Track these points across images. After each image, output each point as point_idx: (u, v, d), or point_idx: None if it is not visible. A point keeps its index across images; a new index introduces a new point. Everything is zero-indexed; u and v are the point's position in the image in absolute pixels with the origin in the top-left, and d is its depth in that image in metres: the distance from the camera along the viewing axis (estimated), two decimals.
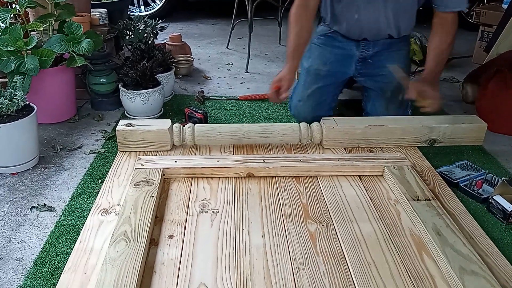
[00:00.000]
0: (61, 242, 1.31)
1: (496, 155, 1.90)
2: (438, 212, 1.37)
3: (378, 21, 1.89)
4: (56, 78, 2.00)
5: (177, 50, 2.89)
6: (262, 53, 3.32)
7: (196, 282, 1.13)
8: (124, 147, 1.75)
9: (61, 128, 2.02)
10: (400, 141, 1.84)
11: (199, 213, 1.40)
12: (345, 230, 1.33)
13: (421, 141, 1.85)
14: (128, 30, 2.47)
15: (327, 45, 2.04)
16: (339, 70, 2.03)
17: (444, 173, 1.69)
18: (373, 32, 1.94)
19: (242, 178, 1.59)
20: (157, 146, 1.75)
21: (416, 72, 2.94)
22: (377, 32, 1.94)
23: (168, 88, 2.33)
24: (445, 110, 2.34)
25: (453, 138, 1.86)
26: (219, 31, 3.99)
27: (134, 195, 1.40)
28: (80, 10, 2.30)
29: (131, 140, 1.74)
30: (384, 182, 1.59)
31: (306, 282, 1.14)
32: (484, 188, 1.60)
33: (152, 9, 4.19)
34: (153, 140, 1.74)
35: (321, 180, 1.59)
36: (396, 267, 1.20)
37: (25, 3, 1.94)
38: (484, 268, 1.16)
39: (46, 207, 1.47)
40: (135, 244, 1.19)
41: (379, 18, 1.88)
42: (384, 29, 1.93)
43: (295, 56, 1.88)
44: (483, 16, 3.17)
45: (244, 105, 2.34)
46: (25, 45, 1.81)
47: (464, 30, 3.97)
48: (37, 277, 1.18)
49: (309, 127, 1.79)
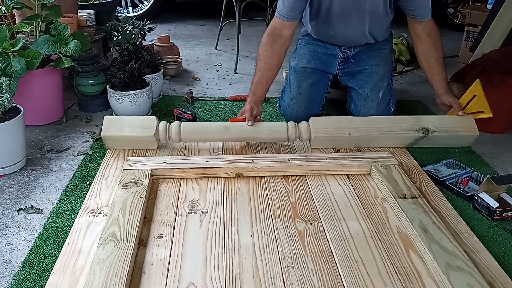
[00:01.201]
0: (49, 244, 1.30)
1: (482, 153, 1.92)
2: (425, 209, 1.39)
3: (354, 36, 1.98)
4: (43, 80, 1.99)
5: (166, 51, 2.89)
6: (250, 54, 3.33)
7: (185, 282, 1.13)
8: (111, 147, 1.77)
9: (49, 130, 2.01)
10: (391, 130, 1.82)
11: (188, 214, 1.40)
12: (333, 229, 1.34)
13: (414, 130, 1.83)
14: (116, 31, 2.47)
15: (310, 44, 2.10)
16: (324, 68, 2.07)
17: (431, 171, 1.71)
18: (349, 43, 2.02)
19: (231, 178, 1.59)
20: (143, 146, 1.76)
21: (403, 71, 2.98)
22: (353, 42, 2.02)
23: (156, 89, 2.33)
24: (432, 110, 2.37)
25: (445, 128, 1.85)
26: (207, 32, 3.99)
27: (123, 196, 1.40)
28: (67, 11, 2.28)
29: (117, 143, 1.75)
30: (371, 181, 1.61)
31: (295, 280, 1.15)
32: (470, 185, 1.62)
33: (140, 10, 4.17)
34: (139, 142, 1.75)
35: (309, 179, 1.60)
36: (384, 265, 1.21)
37: (11, 4, 1.93)
38: (470, 264, 1.18)
39: (33, 209, 1.46)
40: (124, 245, 1.19)
41: (354, 33, 1.96)
42: (360, 40, 2.01)
43: (256, 91, 1.86)
44: (468, 17, 3.22)
45: (233, 105, 2.34)
46: (11, 47, 1.80)
47: (449, 31, 4.02)
48: (24, 279, 1.17)
49: (296, 125, 1.80)
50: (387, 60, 2.07)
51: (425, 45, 1.91)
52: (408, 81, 2.85)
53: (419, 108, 2.41)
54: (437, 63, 1.91)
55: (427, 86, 2.75)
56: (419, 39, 1.92)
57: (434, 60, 1.91)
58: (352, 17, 1.88)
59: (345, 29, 1.94)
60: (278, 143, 1.85)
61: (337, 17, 1.89)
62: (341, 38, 2.00)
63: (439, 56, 1.91)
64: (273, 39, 1.85)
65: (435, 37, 1.90)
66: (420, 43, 1.93)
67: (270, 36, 1.85)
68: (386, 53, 2.06)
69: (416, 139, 1.83)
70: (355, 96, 2.04)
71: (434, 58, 1.91)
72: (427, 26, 1.89)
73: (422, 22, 1.88)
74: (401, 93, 2.59)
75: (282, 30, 1.85)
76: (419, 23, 1.89)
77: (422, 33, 1.90)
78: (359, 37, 1.98)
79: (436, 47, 1.90)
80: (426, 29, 1.89)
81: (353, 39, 1.99)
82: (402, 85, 2.78)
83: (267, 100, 2.38)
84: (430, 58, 1.92)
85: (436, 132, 1.84)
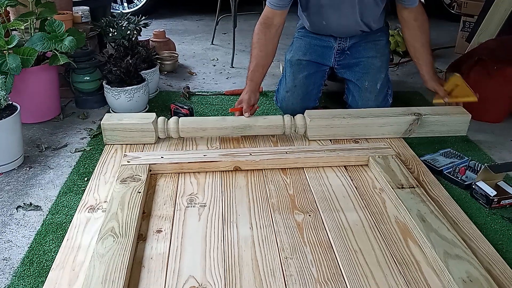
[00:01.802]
0: (48, 241, 1.30)
1: (479, 142, 1.93)
2: (423, 199, 1.39)
3: (347, 25, 1.98)
4: (39, 77, 1.98)
5: (161, 47, 2.88)
6: (247, 48, 3.31)
7: (185, 275, 1.13)
8: (110, 140, 1.78)
9: (46, 127, 2.00)
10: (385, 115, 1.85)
11: (186, 208, 1.40)
12: (331, 220, 1.35)
13: (406, 114, 1.85)
14: (111, 27, 2.46)
15: (306, 37, 2.11)
16: (319, 61, 2.07)
17: (428, 161, 1.71)
18: (344, 33, 2.02)
19: (229, 172, 1.59)
20: (142, 139, 1.77)
21: (400, 63, 2.98)
22: (347, 32, 2.02)
23: (153, 85, 2.33)
24: (429, 100, 2.37)
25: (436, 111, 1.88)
26: (203, 27, 3.98)
27: (121, 191, 1.40)
28: (61, 8, 2.27)
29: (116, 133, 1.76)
30: (369, 172, 1.61)
31: (294, 271, 1.15)
32: (467, 174, 1.62)
33: (136, 6, 4.16)
34: (138, 132, 1.75)
35: (307, 171, 1.60)
36: (382, 254, 1.22)
37: (5, 2, 1.92)
38: (468, 252, 1.18)
39: (32, 206, 1.46)
40: (123, 240, 1.19)
41: (347, 22, 1.96)
42: (354, 29, 2.01)
43: (253, 78, 1.89)
44: (464, 7, 3.21)
45: (230, 100, 2.34)
46: (6, 44, 1.79)
47: (446, 21, 4.01)
48: (25, 276, 1.17)
49: (292, 118, 1.80)
50: (384, 52, 2.06)
51: (412, 30, 1.93)
52: (405, 73, 2.85)
53: (416, 99, 2.41)
54: (423, 48, 1.93)
55: None
56: (407, 24, 1.94)
57: (420, 45, 1.93)
58: (343, 6, 1.89)
59: (337, 19, 1.94)
60: (275, 136, 1.85)
61: (327, 7, 1.91)
62: (334, 28, 2.00)
63: (425, 41, 1.93)
64: (266, 27, 1.90)
65: (421, 21, 1.91)
66: (407, 28, 1.95)
67: (262, 25, 1.90)
68: (382, 45, 2.06)
69: (411, 123, 1.84)
70: (352, 88, 2.04)
71: (421, 42, 1.93)
72: (414, 11, 1.90)
73: (410, 8, 1.89)
74: (398, 85, 2.59)
75: (273, 19, 1.90)
76: (406, 9, 1.90)
77: (409, 17, 1.91)
78: (352, 26, 1.98)
79: (422, 31, 1.92)
80: (413, 14, 1.90)
81: (346, 28, 1.99)
82: (399, 77, 2.78)
83: (264, 94, 2.38)
84: (416, 42, 1.94)
85: (429, 115, 1.85)
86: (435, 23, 4.02)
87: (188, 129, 1.78)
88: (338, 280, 1.13)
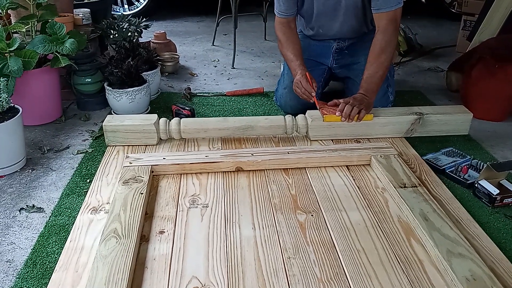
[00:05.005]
0: (51, 242, 1.30)
1: (481, 141, 1.92)
2: (425, 198, 1.39)
3: (343, 31, 2.01)
4: (41, 79, 1.99)
5: (162, 48, 2.88)
6: (248, 49, 3.32)
7: (188, 276, 1.13)
8: (112, 142, 1.78)
9: (48, 129, 2.01)
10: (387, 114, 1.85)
11: (189, 208, 1.40)
12: (334, 219, 1.35)
13: (408, 113, 1.85)
14: (112, 29, 2.46)
15: (306, 38, 2.14)
16: (318, 59, 2.10)
17: (430, 160, 1.71)
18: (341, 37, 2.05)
19: (231, 173, 1.59)
20: (143, 140, 1.77)
21: (401, 62, 2.98)
22: (345, 36, 2.05)
23: (154, 86, 2.33)
24: (430, 99, 2.37)
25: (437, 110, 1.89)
26: (204, 28, 3.98)
27: (123, 192, 1.40)
28: (62, 10, 2.28)
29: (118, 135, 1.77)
30: (371, 171, 1.61)
31: (297, 271, 1.15)
32: (470, 173, 1.62)
33: (136, 8, 4.17)
34: (140, 133, 1.76)
35: (309, 171, 1.60)
36: (385, 253, 1.21)
37: (6, 4, 1.92)
38: (471, 251, 1.18)
39: (35, 208, 1.46)
40: (126, 241, 1.19)
41: (342, 29, 2.00)
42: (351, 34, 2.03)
43: (299, 58, 1.93)
44: (465, 6, 3.21)
45: (231, 100, 2.34)
46: (7, 47, 1.80)
47: (447, 20, 4.01)
48: (28, 278, 1.17)
49: (294, 118, 1.81)
50: None
51: (376, 37, 1.83)
52: (406, 72, 2.85)
53: (417, 98, 2.40)
54: (374, 63, 1.79)
55: (425, 76, 2.76)
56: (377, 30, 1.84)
57: (373, 56, 1.80)
58: (335, 14, 1.92)
59: (332, 26, 1.99)
60: (277, 136, 1.85)
61: (321, 16, 1.95)
62: (331, 34, 2.04)
63: (382, 58, 1.79)
64: (285, 26, 1.98)
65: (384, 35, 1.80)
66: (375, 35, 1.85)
67: (282, 25, 1.99)
68: None
69: (413, 122, 1.84)
70: (351, 86, 2.05)
71: (374, 54, 1.80)
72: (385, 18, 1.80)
73: (380, 13, 1.81)
74: (400, 84, 2.59)
75: (288, 23, 1.99)
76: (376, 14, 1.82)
77: (378, 24, 1.82)
78: (349, 32, 2.01)
79: (382, 47, 1.79)
80: (383, 21, 1.80)
81: (344, 33, 2.03)
82: (400, 76, 2.77)
83: (265, 95, 2.38)
84: (372, 52, 1.81)
85: (431, 115, 1.86)
86: (436, 22, 4.02)
87: (190, 130, 1.78)
88: (341, 279, 1.13)
